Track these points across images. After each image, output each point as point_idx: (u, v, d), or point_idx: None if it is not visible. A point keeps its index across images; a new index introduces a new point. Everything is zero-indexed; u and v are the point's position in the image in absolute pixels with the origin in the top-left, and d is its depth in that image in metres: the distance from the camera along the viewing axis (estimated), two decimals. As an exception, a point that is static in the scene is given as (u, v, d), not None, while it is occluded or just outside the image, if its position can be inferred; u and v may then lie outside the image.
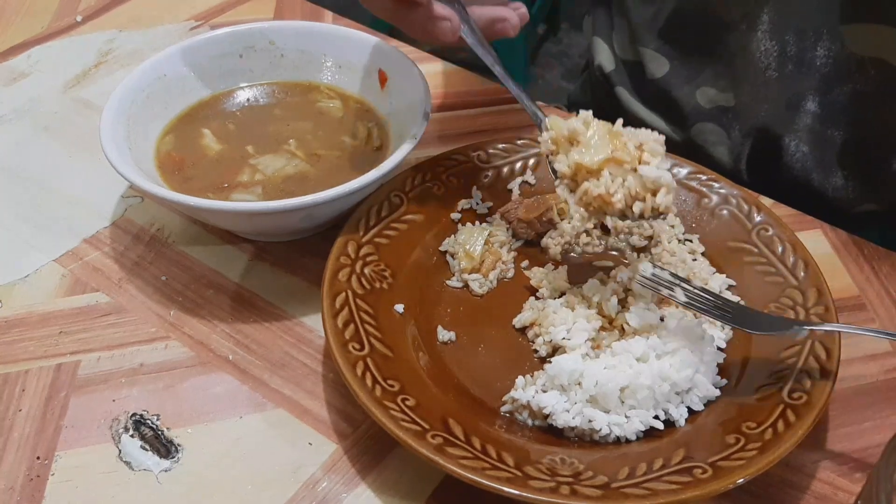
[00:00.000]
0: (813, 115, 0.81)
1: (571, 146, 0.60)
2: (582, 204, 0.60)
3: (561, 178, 0.61)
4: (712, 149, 0.88)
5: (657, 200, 0.58)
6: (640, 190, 0.58)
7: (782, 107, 0.82)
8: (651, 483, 0.51)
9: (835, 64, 0.77)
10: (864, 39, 0.75)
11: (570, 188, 0.60)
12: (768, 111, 0.83)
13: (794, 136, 0.83)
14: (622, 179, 0.58)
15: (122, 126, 0.70)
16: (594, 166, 0.58)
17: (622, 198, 0.58)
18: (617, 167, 0.58)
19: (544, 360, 0.61)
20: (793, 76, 0.80)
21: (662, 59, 0.89)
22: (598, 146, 0.59)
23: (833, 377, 0.56)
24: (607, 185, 0.58)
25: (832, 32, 0.76)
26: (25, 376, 0.62)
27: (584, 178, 0.59)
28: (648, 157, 0.58)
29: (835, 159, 0.82)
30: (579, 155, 0.59)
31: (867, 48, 0.75)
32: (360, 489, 0.56)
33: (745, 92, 0.83)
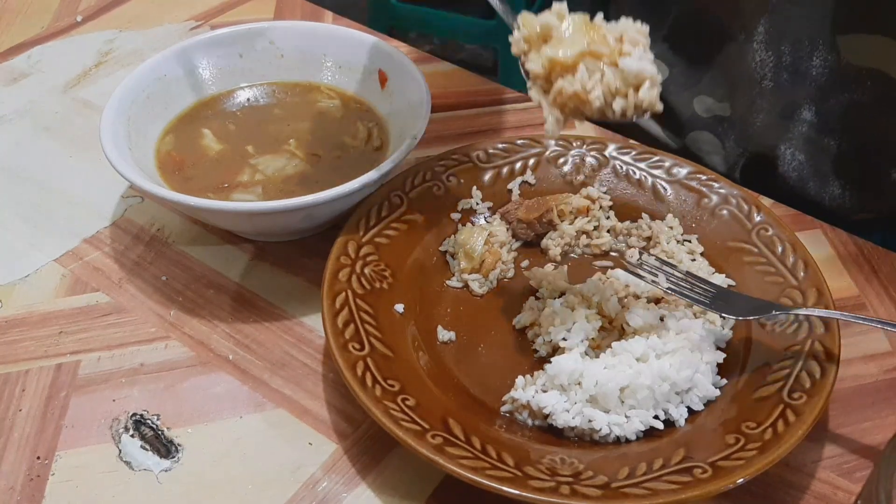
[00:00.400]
0: (809, 124, 0.81)
1: (545, 44, 0.54)
2: (557, 105, 0.54)
3: (534, 79, 0.55)
4: (707, 157, 0.88)
5: (640, 96, 0.52)
6: (621, 85, 0.53)
7: (777, 116, 0.82)
8: (651, 483, 0.51)
9: (831, 74, 0.77)
10: (860, 50, 0.75)
11: (543, 90, 0.55)
12: (763, 120, 0.83)
13: (790, 145, 0.83)
14: (600, 74, 0.53)
15: (122, 126, 0.70)
16: (568, 61, 0.53)
17: (600, 94, 0.52)
18: (594, 61, 0.53)
19: (544, 360, 0.61)
20: (788, 86, 0.80)
21: (663, 65, 0.89)
22: (573, 40, 0.53)
23: (833, 377, 0.56)
24: (583, 81, 0.53)
25: (828, 43, 0.76)
26: (26, 376, 0.62)
27: (559, 76, 0.54)
28: (629, 48, 0.53)
29: (831, 168, 0.82)
30: (552, 50, 0.53)
31: (864, 59, 0.75)
32: (360, 489, 0.56)
33: (740, 102, 0.84)
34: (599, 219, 0.70)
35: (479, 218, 0.71)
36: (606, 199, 0.72)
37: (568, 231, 0.69)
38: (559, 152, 0.74)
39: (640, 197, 0.72)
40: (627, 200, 0.72)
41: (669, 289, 0.61)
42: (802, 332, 0.59)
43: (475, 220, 0.71)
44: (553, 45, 0.54)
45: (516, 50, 0.56)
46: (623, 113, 0.53)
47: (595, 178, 0.73)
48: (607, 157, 0.74)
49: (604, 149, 0.74)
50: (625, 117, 0.53)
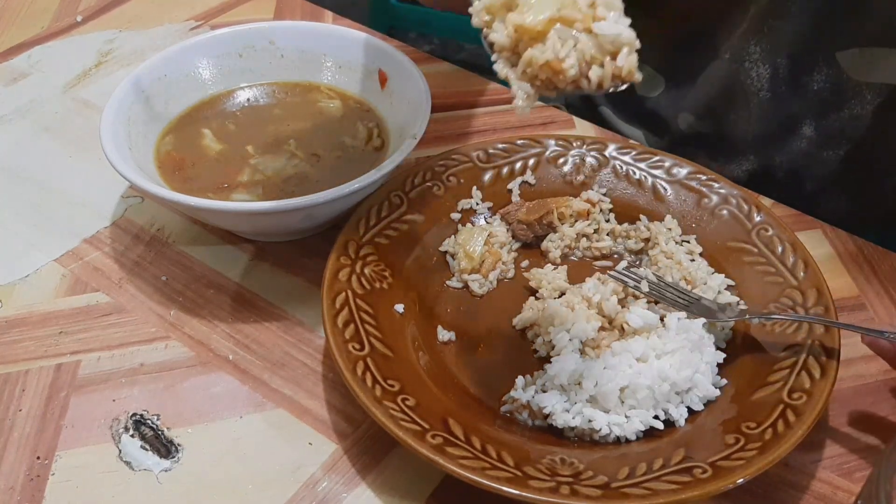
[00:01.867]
0: (808, 139, 0.81)
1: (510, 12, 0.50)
2: (527, 78, 0.49)
3: (499, 50, 0.50)
4: None
5: (618, 63, 0.48)
6: (597, 52, 0.48)
7: (776, 129, 0.82)
8: (651, 483, 0.51)
9: (832, 90, 0.77)
10: (861, 64, 0.75)
11: (510, 63, 0.50)
12: (760, 132, 0.83)
13: (787, 157, 0.83)
14: (573, 42, 0.48)
15: (122, 126, 0.70)
16: (538, 28, 0.48)
17: (575, 62, 0.47)
18: (566, 28, 0.48)
19: (544, 360, 0.61)
20: (787, 98, 0.80)
21: (660, 79, 0.89)
22: (541, 5, 0.48)
23: (833, 377, 0.56)
24: (555, 49, 0.48)
25: (827, 59, 0.76)
26: (26, 376, 0.62)
27: (528, 46, 0.49)
28: (604, 12, 0.48)
29: (829, 179, 0.83)
30: (519, 17, 0.48)
31: (866, 73, 0.75)
32: (360, 489, 0.56)
33: (731, 117, 0.84)
34: (599, 222, 0.70)
35: (480, 218, 0.71)
36: (607, 203, 0.72)
37: (568, 233, 0.69)
38: (559, 152, 0.74)
39: (639, 197, 0.72)
40: (627, 201, 0.72)
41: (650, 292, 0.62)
42: (802, 332, 0.59)
43: (475, 221, 0.71)
44: (519, 12, 0.49)
45: (477, 21, 0.51)
46: (600, 83, 0.48)
47: (595, 179, 0.73)
48: (607, 157, 0.74)
49: (604, 149, 0.74)
50: (601, 88, 0.48)
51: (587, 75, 0.48)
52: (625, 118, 0.94)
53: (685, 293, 0.63)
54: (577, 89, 0.49)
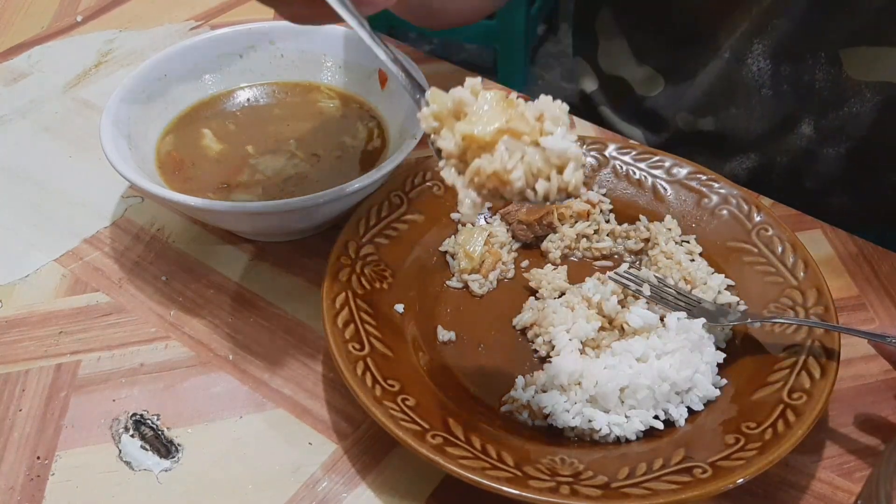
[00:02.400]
0: (808, 137, 0.81)
1: (458, 121, 0.50)
2: (474, 186, 0.49)
3: (446, 157, 0.50)
4: None
5: (564, 178, 0.48)
6: (544, 166, 0.49)
7: (777, 126, 0.82)
8: (651, 483, 0.51)
9: (832, 88, 0.77)
10: (863, 63, 0.75)
11: (458, 170, 0.50)
12: (761, 130, 0.83)
13: (786, 155, 0.83)
14: (521, 154, 0.49)
15: (122, 126, 0.70)
16: (487, 138, 0.48)
17: (522, 175, 0.48)
18: (514, 140, 0.49)
19: (544, 360, 0.61)
20: (788, 95, 0.80)
21: (659, 78, 0.89)
22: (490, 116, 0.49)
23: (833, 377, 0.56)
24: (503, 161, 0.48)
25: (829, 57, 0.76)
26: (26, 376, 0.62)
27: (476, 156, 0.49)
28: (551, 127, 0.49)
29: (829, 176, 0.83)
30: (468, 126, 0.49)
31: (867, 73, 0.75)
32: (360, 489, 0.56)
33: (731, 114, 0.84)
34: (599, 222, 0.70)
35: (480, 218, 0.71)
36: (607, 203, 0.72)
37: (568, 234, 0.69)
38: (559, 152, 0.74)
39: (639, 197, 0.72)
40: (627, 200, 0.72)
41: (652, 296, 0.62)
42: (802, 333, 0.59)
43: (475, 221, 0.71)
44: (468, 122, 0.49)
45: (426, 126, 0.51)
46: (546, 196, 0.49)
47: (595, 179, 0.73)
48: (607, 157, 0.74)
49: (604, 149, 0.74)
50: (547, 200, 0.49)
51: (534, 187, 0.49)
52: (624, 117, 0.94)
53: (687, 297, 0.62)
54: (524, 200, 0.49)
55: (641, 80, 0.90)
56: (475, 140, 0.49)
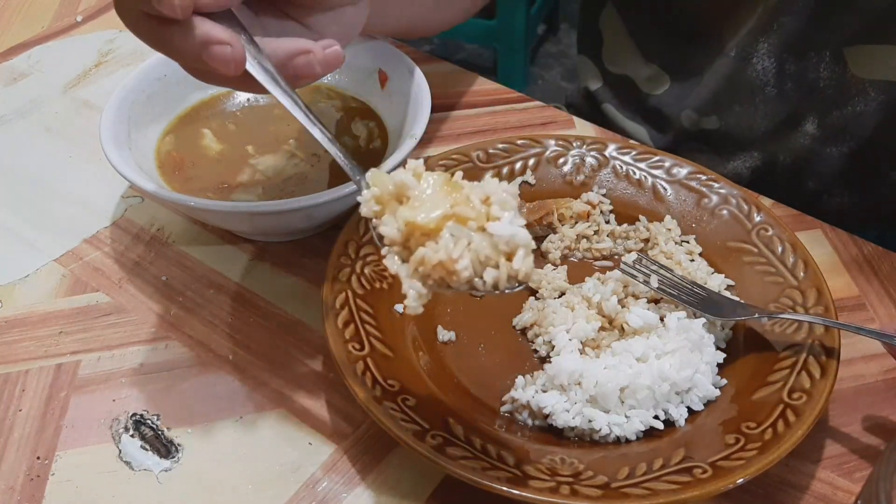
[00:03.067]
0: (811, 136, 0.81)
1: (400, 204, 0.48)
2: (418, 276, 0.47)
3: (389, 244, 0.48)
4: None
5: (514, 265, 0.46)
6: (492, 253, 0.46)
7: (781, 124, 0.82)
8: (651, 483, 0.51)
9: (837, 86, 0.77)
10: (867, 62, 0.75)
11: (402, 258, 0.48)
12: (764, 128, 0.83)
13: (789, 154, 0.83)
14: (467, 241, 0.46)
15: (122, 126, 0.70)
16: (431, 225, 0.46)
17: (469, 264, 0.46)
18: (459, 227, 0.46)
19: (544, 360, 0.61)
20: (792, 94, 0.80)
21: (665, 77, 0.89)
22: (434, 201, 0.47)
23: (833, 377, 0.56)
24: (448, 249, 0.45)
25: (834, 54, 0.76)
26: (25, 376, 0.62)
27: (419, 244, 0.47)
28: (498, 212, 0.46)
29: (831, 175, 0.83)
30: (410, 212, 0.46)
31: (871, 71, 0.75)
32: (360, 489, 0.56)
33: (735, 113, 0.84)
34: (599, 223, 0.70)
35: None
36: (607, 204, 0.72)
37: (568, 234, 0.69)
38: (559, 152, 0.74)
39: (639, 197, 0.72)
40: (627, 201, 0.72)
41: (659, 289, 0.61)
42: (802, 332, 0.59)
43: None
44: (411, 207, 0.47)
45: (366, 211, 0.49)
46: (495, 285, 0.46)
47: (595, 179, 0.73)
48: (607, 157, 0.74)
49: (604, 149, 0.74)
50: (497, 289, 0.46)
51: (482, 276, 0.46)
52: (628, 115, 0.94)
53: (695, 288, 0.62)
54: (472, 289, 0.47)
55: (647, 79, 0.90)
56: (418, 227, 0.46)
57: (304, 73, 0.52)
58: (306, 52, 0.51)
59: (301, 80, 0.52)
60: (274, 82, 0.51)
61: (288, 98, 0.51)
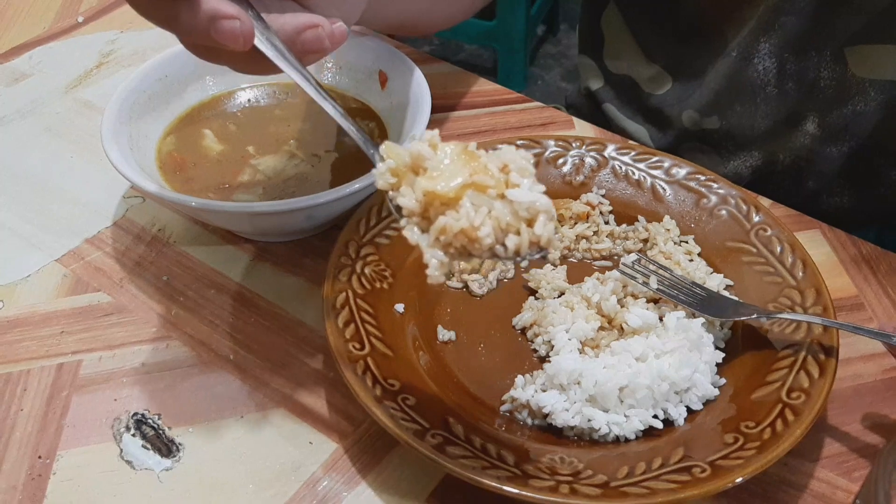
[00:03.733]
0: (812, 135, 0.81)
1: (417, 176, 0.48)
2: (439, 245, 0.47)
3: (408, 216, 0.48)
4: None
5: (536, 231, 0.46)
6: (513, 220, 0.46)
7: (781, 124, 0.82)
8: (650, 482, 0.51)
9: (837, 85, 0.78)
10: (867, 61, 0.76)
11: (421, 228, 0.48)
12: (764, 128, 0.83)
13: (790, 154, 0.83)
14: (487, 209, 0.46)
15: (123, 127, 0.70)
16: (450, 194, 0.46)
17: (491, 231, 0.46)
18: (479, 194, 0.46)
19: (544, 359, 0.61)
20: (792, 93, 0.80)
21: (667, 77, 0.89)
22: (452, 170, 0.46)
23: (832, 376, 0.56)
24: (469, 217, 0.46)
25: (835, 54, 0.76)
26: (27, 376, 0.62)
27: (439, 213, 0.47)
28: (517, 179, 0.47)
29: (831, 174, 0.83)
30: (429, 182, 0.46)
31: (871, 71, 0.76)
32: (361, 488, 0.56)
33: (736, 112, 0.84)
34: (599, 224, 0.71)
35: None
36: (606, 205, 0.72)
37: (568, 235, 0.70)
38: (558, 153, 0.74)
39: (639, 197, 0.72)
40: (626, 201, 0.72)
41: (659, 290, 0.62)
42: (801, 332, 0.60)
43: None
44: (429, 178, 0.47)
45: (382, 184, 0.48)
46: (517, 251, 0.46)
47: (594, 179, 0.73)
48: (606, 157, 0.74)
49: (603, 149, 0.74)
50: (518, 256, 0.46)
51: (503, 242, 0.46)
52: (629, 114, 0.94)
53: (694, 288, 0.62)
54: (493, 257, 0.47)
55: (649, 79, 0.90)
56: (438, 197, 0.46)
57: (314, 47, 0.51)
58: (315, 27, 0.51)
59: (310, 55, 0.52)
60: (283, 58, 0.50)
61: (298, 73, 0.51)
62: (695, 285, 0.63)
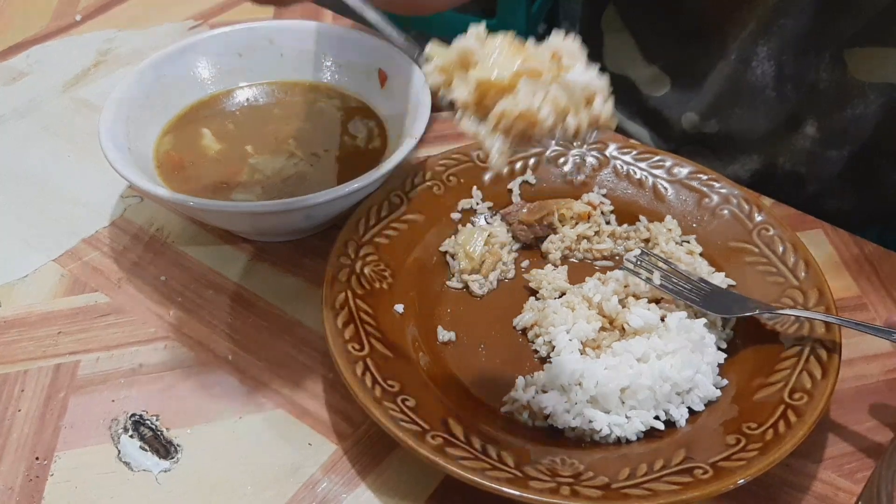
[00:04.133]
0: (812, 138, 0.81)
1: (467, 71, 0.48)
2: (500, 130, 0.47)
3: (463, 108, 0.48)
4: None
5: (595, 109, 0.47)
6: (570, 102, 0.46)
7: (781, 127, 0.82)
8: (652, 483, 0.51)
9: (837, 88, 0.77)
10: (866, 64, 0.75)
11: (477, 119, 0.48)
12: (764, 131, 0.83)
13: (790, 157, 0.83)
14: (544, 93, 0.46)
15: (121, 126, 0.70)
16: (505, 82, 0.46)
17: (551, 111, 0.46)
18: (533, 80, 0.46)
19: (544, 360, 0.61)
20: (792, 96, 0.80)
21: (665, 79, 0.89)
22: (503, 61, 0.47)
23: (834, 377, 0.56)
24: (528, 101, 0.46)
25: (834, 57, 0.76)
26: (24, 377, 0.62)
27: (495, 101, 0.47)
28: (569, 62, 0.47)
29: (831, 177, 0.82)
30: (483, 72, 0.47)
31: (870, 74, 0.75)
32: (360, 489, 0.55)
33: (735, 116, 0.83)
34: (600, 224, 0.70)
35: (480, 218, 0.71)
36: (608, 205, 0.71)
37: (569, 235, 0.69)
38: (560, 152, 0.74)
39: (640, 197, 0.72)
40: (628, 200, 0.72)
41: (662, 286, 0.61)
42: (803, 333, 0.59)
43: (475, 221, 0.71)
44: (481, 69, 0.47)
45: (432, 82, 0.49)
46: (577, 130, 0.47)
47: (595, 178, 0.73)
48: (608, 156, 0.74)
49: (604, 148, 0.74)
50: (578, 136, 0.47)
51: (562, 124, 0.47)
52: (628, 115, 0.94)
53: (699, 283, 0.62)
54: (552, 139, 0.48)
55: (647, 80, 0.90)
56: (493, 85, 0.46)
57: None
58: None
59: None
60: None
61: None
62: (700, 280, 0.63)
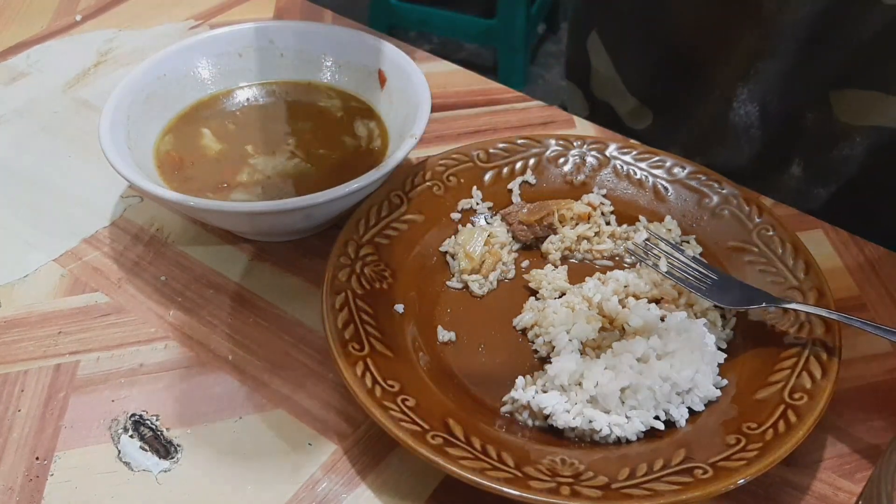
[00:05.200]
0: (798, 178, 0.80)
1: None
2: None
3: None
4: None
5: None
6: None
7: (766, 165, 0.81)
8: (652, 483, 0.51)
9: (823, 130, 0.77)
10: (852, 107, 0.75)
11: None
12: (749, 170, 0.82)
13: (776, 195, 0.83)
14: None
15: (121, 126, 0.70)
16: None
17: None
18: None
19: (544, 360, 0.61)
20: (777, 137, 0.79)
21: (647, 112, 0.88)
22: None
23: (834, 377, 0.56)
24: None
25: (820, 99, 0.76)
26: (24, 376, 0.62)
27: None
28: None
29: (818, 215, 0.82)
30: None
31: (855, 117, 0.75)
32: (360, 489, 0.55)
33: (720, 153, 0.83)
34: (600, 225, 0.70)
35: (480, 218, 0.71)
36: (608, 206, 0.71)
37: (569, 235, 0.69)
38: (559, 152, 0.74)
39: (640, 197, 0.72)
40: (628, 200, 0.72)
41: (668, 273, 0.61)
42: (803, 333, 0.59)
43: (475, 221, 0.71)
44: None
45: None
46: None
47: (595, 178, 0.73)
48: (608, 156, 0.74)
49: (604, 148, 0.74)
50: None
51: None
52: None
53: (706, 271, 0.62)
54: None
55: (629, 112, 0.90)
56: None
57: None
58: None
59: None
60: None
61: None
62: (707, 268, 0.62)
